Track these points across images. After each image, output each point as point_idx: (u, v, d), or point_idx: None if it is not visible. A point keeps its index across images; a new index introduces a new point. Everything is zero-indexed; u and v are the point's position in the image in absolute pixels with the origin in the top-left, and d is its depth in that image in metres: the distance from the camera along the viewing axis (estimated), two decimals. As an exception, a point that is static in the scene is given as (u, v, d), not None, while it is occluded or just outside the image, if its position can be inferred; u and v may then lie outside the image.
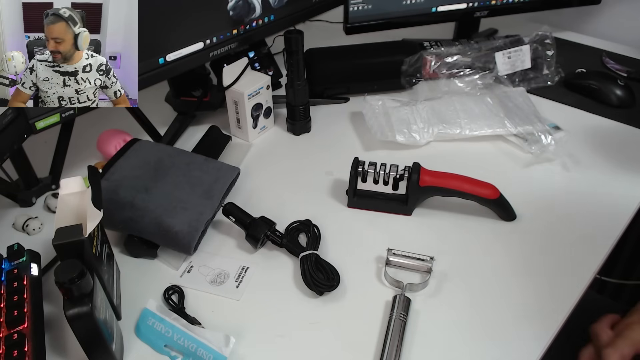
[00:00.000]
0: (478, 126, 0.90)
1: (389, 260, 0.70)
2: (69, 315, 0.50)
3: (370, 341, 0.62)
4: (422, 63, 1.00)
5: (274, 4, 0.95)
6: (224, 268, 0.71)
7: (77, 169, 0.88)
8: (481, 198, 0.74)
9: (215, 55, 0.90)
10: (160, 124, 0.95)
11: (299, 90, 0.91)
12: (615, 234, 0.74)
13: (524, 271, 0.69)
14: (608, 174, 0.84)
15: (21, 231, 0.77)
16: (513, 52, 1.01)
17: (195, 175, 0.76)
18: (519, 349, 0.61)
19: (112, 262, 0.67)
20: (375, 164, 0.76)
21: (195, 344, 0.60)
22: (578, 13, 1.24)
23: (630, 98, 0.99)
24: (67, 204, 0.59)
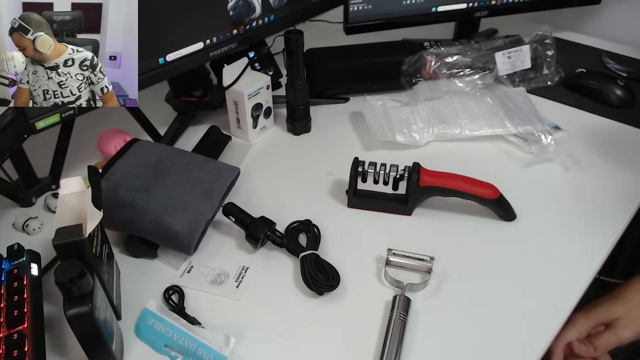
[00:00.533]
0: (478, 126, 0.90)
1: (389, 260, 0.70)
2: (69, 315, 0.50)
3: (370, 341, 0.62)
4: (422, 63, 1.00)
5: (274, 4, 0.95)
6: (224, 268, 0.71)
7: (77, 169, 0.88)
8: (481, 198, 0.74)
9: (215, 55, 0.90)
10: (160, 124, 0.95)
11: (299, 90, 0.91)
12: (616, 234, 0.74)
13: (523, 271, 0.69)
14: (608, 174, 0.84)
15: (21, 231, 0.77)
16: (513, 52, 1.01)
17: (195, 175, 0.76)
18: (519, 349, 0.61)
19: (112, 262, 0.67)
20: (375, 164, 0.76)
21: (195, 344, 0.60)
22: (578, 13, 1.24)
23: (630, 98, 0.99)
24: (67, 204, 0.59)
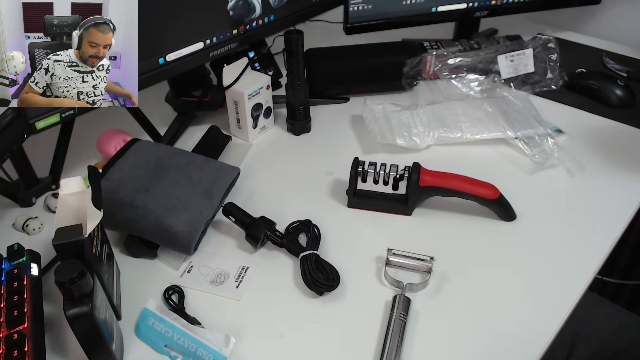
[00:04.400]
0: (479, 130, 0.89)
1: (389, 260, 0.70)
2: (69, 315, 0.50)
3: (370, 341, 0.62)
4: (423, 63, 1.00)
5: (274, 4, 0.95)
6: (224, 268, 0.71)
7: (77, 169, 0.88)
8: (481, 198, 0.74)
9: (215, 55, 0.90)
10: (160, 124, 0.95)
11: (299, 90, 0.91)
12: (615, 234, 0.74)
13: (523, 271, 0.69)
14: (607, 174, 0.84)
15: (21, 231, 0.77)
16: (516, 55, 1.00)
17: (195, 175, 0.76)
18: (518, 349, 0.61)
19: (112, 262, 0.67)
20: (375, 164, 0.76)
21: (195, 344, 0.60)
22: (578, 13, 1.24)
23: (630, 98, 0.99)
24: (67, 204, 0.59)
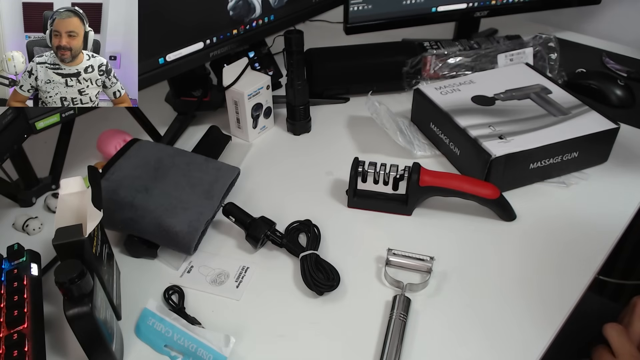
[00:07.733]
0: None
1: (389, 260, 0.70)
2: (69, 315, 0.50)
3: (370, 341, 0.62)
4: (423, 63, 1.00)
5: (274, 4, 0.95)
6: (224, 268, 0.71)
7: (77, 169, 0.88)
8: (481, 198, 0.74)
9: (215, 55, 0.90)
10: (160, 124, 0.95)
11: (299, 90, 0.91)
12: (615, 234, 0.74)
13: (523, 271, 0.69)
14: (608, 174, 0.84)
15: (21, 231, 0.77)
16: (515, 54, 1.00)
17: (195, 176, 0.76)
18: (518, 349, 0.61)
19: (112, 262, 0.67)
20: (375, 164, 0.76)
21: (195, 344, 0.60)
22: (578, 13, 1.25)
23: (630, 98, 0.99)
24: (67, 204, 0.59)
